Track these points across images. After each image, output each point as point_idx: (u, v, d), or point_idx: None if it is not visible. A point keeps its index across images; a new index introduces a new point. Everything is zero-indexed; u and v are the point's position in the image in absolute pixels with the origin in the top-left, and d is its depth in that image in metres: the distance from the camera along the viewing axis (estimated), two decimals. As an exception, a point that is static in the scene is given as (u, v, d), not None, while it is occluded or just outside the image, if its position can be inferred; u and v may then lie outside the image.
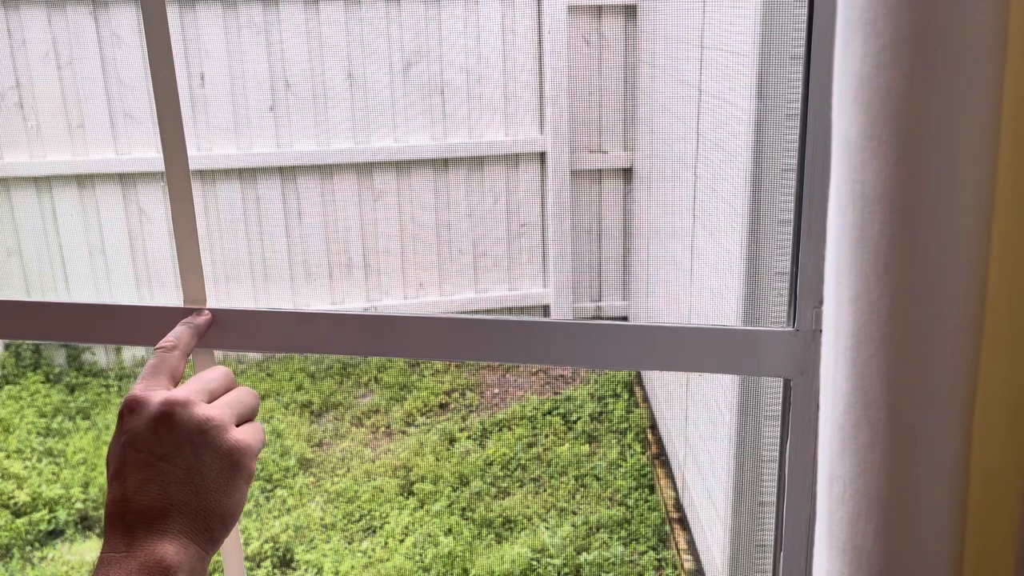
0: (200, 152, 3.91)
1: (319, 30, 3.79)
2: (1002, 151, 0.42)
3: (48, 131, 3.90)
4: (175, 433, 0.59)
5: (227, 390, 0.65)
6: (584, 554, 2.94)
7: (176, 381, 0.65)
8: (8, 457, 3.50)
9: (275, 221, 4.02)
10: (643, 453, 3.43)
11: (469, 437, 3.56)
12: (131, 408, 0.60)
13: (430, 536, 3.06)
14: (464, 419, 3.68)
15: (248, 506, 3.25)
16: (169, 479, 0.58)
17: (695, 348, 0.72)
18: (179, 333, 0.69)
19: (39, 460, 3.49)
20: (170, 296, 3.98)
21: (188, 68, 3.79)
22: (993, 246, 0.43)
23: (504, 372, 3.99)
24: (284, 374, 3.99)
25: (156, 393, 0.61)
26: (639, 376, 3.84)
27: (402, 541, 3.06)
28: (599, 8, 3.80)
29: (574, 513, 3.15)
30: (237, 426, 0.62)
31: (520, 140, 3.98)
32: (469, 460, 3.42)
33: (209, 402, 0.62)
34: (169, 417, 0.59)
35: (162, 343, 0.68)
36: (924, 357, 0.44)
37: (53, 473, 3.42)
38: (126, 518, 0.56)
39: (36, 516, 3.21)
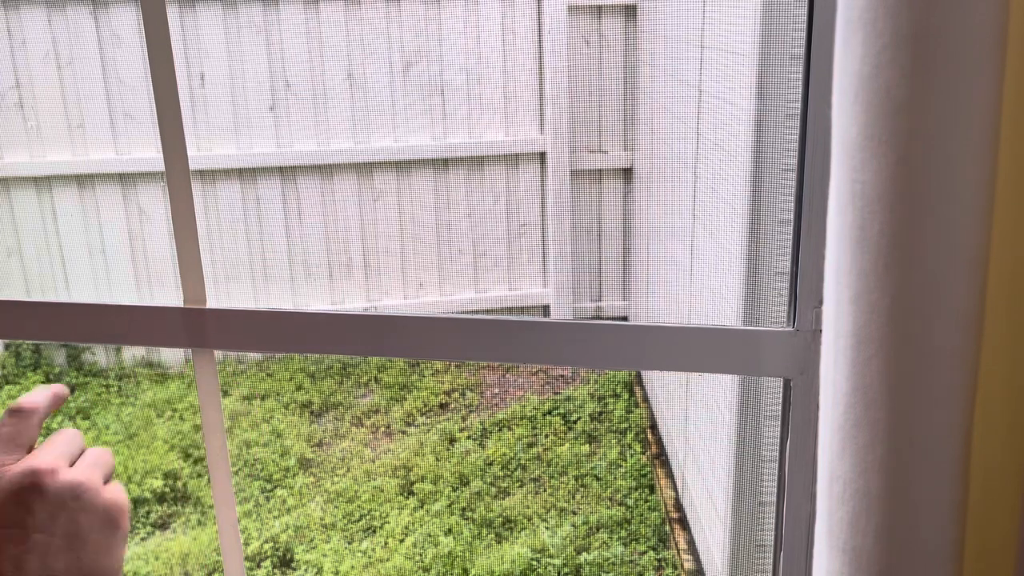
0: (200, 152, 3.91)
1: (319, 30, 3.79)
2: (1002, 151, 0.42)
3: (48, 131, 3.90)
4: (47, 503, 0.56)
5: (81, 451, 0.62)
6: (584, 554, 2.94)
7: (30, 449, 0.61)
8: (8, 457, 3.50)
9: (275, 221, 4.02)
10: (643, 453, 3.43)
11: (469, 437, 3.56)
12: None
13: (430, 536, 3.06)
14: (464, 419, 3.68)
15: (248, 506, 3.24)
16: (48, 550, 0.55)
17: (695, 348, 0.72)
18: (38, 400, 0.64)
19: (39, 460, 3.49)
20: (170, 296, 3.98)
21: (188, 68, 3.79)
22: (993, 246, 0.43)
23: (504, 372, 3.99)
24: (284, 374, 3.99)
25: (16, 465, 0.58)
26: (639, 376, 3.84)
27: (402, 541, 3.05)
28: (599, 8, 3.80)
29: (574, 513, 3.15)
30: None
31: (520, 140, 3.98)
32: (469, 460, 3.42)
33: (70, 466, 0.59)
34: (39, 488, 0.56)
35: (22, 405, 0.63)
36: (924, 357, 0.44)
37: (53, 473, 3.42)
38: None
39: (36, 516, 3.21)
